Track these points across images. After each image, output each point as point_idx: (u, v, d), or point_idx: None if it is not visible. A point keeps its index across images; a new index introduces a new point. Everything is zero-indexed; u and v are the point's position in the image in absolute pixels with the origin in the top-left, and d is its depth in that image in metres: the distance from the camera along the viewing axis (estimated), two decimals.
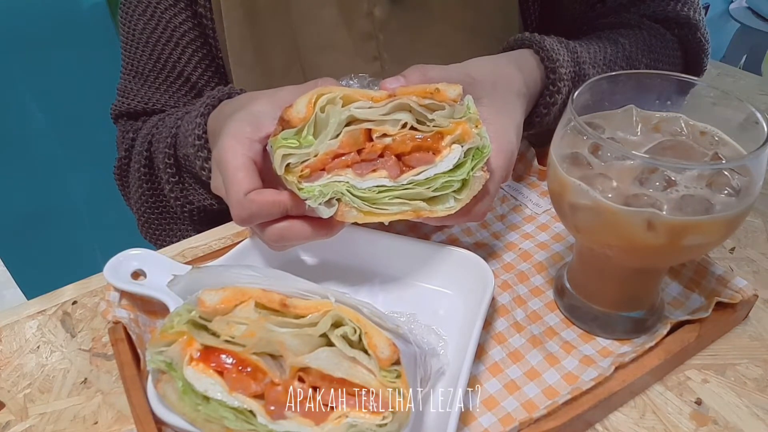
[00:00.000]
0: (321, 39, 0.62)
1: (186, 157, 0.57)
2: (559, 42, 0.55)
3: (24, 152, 1.26)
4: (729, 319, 0.44)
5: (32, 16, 1.15)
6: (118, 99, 0.69)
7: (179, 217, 0.64)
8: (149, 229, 0.67)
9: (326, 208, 0.39)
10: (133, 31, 0.65)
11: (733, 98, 0.39)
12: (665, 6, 0.65)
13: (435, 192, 0.40)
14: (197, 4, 0.63)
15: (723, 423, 0.39)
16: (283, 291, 0.35)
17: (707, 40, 0.67)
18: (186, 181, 0.61)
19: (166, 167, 0.59)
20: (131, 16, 0.65)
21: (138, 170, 0.63)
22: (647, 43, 0.62)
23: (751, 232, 0.54)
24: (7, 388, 0.44)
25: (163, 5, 0.63)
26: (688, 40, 0.66)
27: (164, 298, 0.43)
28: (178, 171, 0.60)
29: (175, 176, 0.60)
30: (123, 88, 0.68)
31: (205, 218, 0.63)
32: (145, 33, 0.65)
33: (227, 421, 0.33)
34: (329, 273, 0.50)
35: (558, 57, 0.52)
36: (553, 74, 0.52)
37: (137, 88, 0.67)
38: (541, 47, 0.53)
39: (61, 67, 1.22)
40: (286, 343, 0.33)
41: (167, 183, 0.60)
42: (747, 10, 2.23)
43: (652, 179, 0.35)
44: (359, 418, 0.32)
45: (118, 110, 0.69)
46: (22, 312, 0.50)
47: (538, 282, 0.49)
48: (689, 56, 0.67)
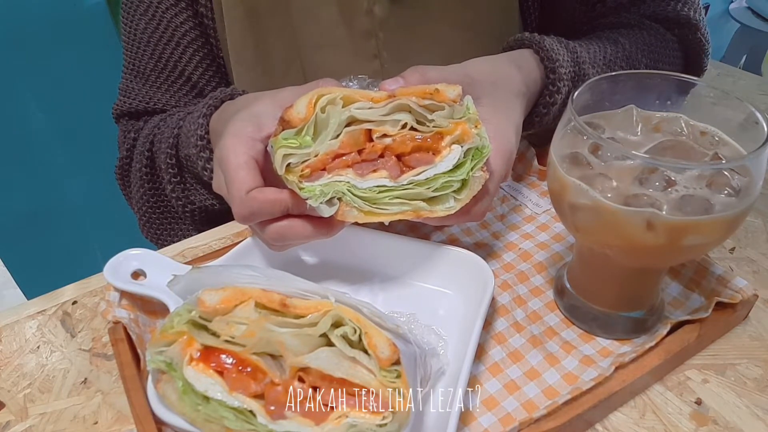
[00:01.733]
0: (321, 37, 0.62)
1: (188, 158, 0.57)
2: (559, 42, 0.55)
3: (24, 152, 1.27)
4: (729, 319, 0.44)
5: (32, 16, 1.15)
6: (120, 98, 0.69)
7: (180, 216, 0.64)
8: (150, 228, 0.67)
9: (327, 207, 0.39)
10: (135, 31, 0.66)
11: (733, 98, 0.39)
12: (665, 6, 0.65)
13: (435, 192, 0.40)
14: (198, 4, 0.63)
15: (723, 423, 0.39)
16: (283, 291, 0.35)
17: (707, 40, 0.67)
18: (188, 182, 0.61)
19: (168, 167, 0.60)
20: (133, 15, 0.65)
21: (140, 170, 0.63)
22: (647, 43, 0.62)
23: (751, 232, 0.54)
24: (7, 388, 0.44)
25: (164, 5, 0.63)
26: (688, 40, 0.66)
27: (164, 298, 0.43)
28: (180, 171, 0.60)
29: (177, 176, 0.60)
30: (124, 87, 0.69)
31: (206, 218, 0.64)
32: (147, 33, 0.65)
33: (227, 421, 0.33)
34: (329, 273, 0.50)
35: (558, 57, 0.52)
36: (552, 74, 0.52)
37: (138, 87, 0.68)
38: (541, 47, 0.53)
39: (61, 67, 1.22)
40: (286, 343, 0.33)
41: (169, 183, 0.60)
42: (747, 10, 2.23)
43: (652, 179, 0.35)
44: (359, 418, 0.32)
45: (120, 110, 0.69)
46: (22, 312, 0.50)
47: (538, 282, 0.49)
48: (689, 56, 0.67)
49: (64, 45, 1.21)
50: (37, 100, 1.23)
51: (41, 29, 1.17)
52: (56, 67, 1.22)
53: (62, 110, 1.26)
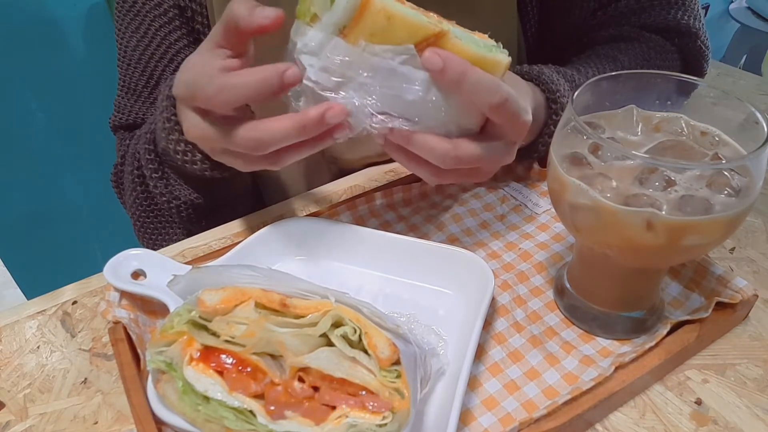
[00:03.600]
0: None
1: (165, 152, 0.55)
2: (557, 72, 0.55)
3: (24, 152, 1.27)
4: (729, 319, 0.44)
5: (32, 16, 1.15)
6: (114, 114, 0.69)
7: (168, 215, 0.64)
8: (145, 233, 0.66)
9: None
10: (126, 48, 0.65)
11: (733, 98, 0.39)
12: (665, 15, 0.65)
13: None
14: (195, 21, 0.63)
15: (723, 423, 0.39)
16: (283, 291, 0.35)
17: (707, 46, 0.67)
18: (170, 177, 0.59)
19: (148, 163, 0.59)
20: (124, 33, 0.65)
21: (131, 173, 0.62)
22: (646, 58, 0.62)
23: (751, 232, 0.54)
24: (7, 388, 0.44)
25: (158, 23, 0.63)
26: (688, 49, 0.66)
27: (164, 298, 0.43)
28: (161, 165, 0.59)
29: (158, 171, 0.59)
30: (118, 104, 0.68)
31: (194, 215, 0.62)
32: (138, 50, 0.64)
33: (227, 421, 0.33)
34: (329, 273, 0.50)
35: (558, 87, 0.53)
36: (554, 104, 0.52)
37: (131, 104, 0.67)
38: (540, 80, 0.53)
39: (61, 67, 1.22)
40: (286, 343, 0.33)
41: (150, 179, 0.59)
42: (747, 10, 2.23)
43: (652, 179, 0.35)
44: (359, 418, 0.32)
45: (114, 124, 0.69)
46: (22, 312, 0.50)
47: (538, 282, 0.49)
48: (689, 64, 0.67)
49: (64, 45, 1.21)
50: (37, 100, 1.23)
51: (41, 29, 1.17)
52: (56, 67, 1.22)
53: (62, 110, 1.26)
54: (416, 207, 0.57)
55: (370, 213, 0.56)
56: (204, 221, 0.61)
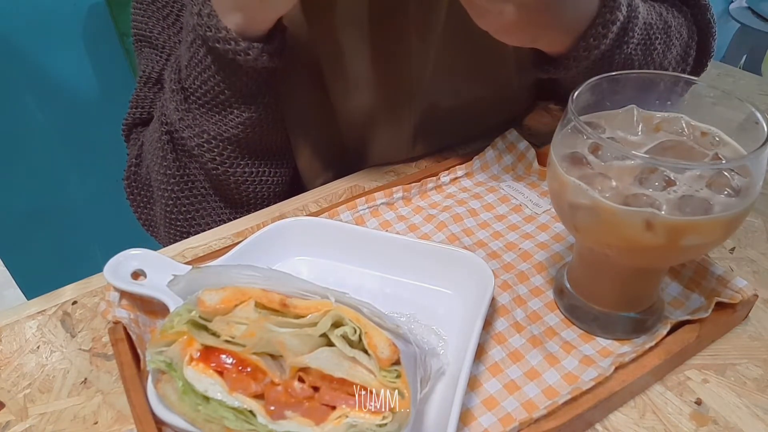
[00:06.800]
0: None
1: (196, 40, 0.53)
2: None
3: (24, 152, 1.27)
4: (729, 319, 0.44)
5: (32, 16, 1.15)
6: (131, 111, 0.67)
7: (202, 168, 0.61)
8: (179, 214, 0.63)
9: None
10: (149, 37, 0.65)
11: (733, 98, 0.39)
12: None
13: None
14: None
15: (723, 423, 0.39)
16: (283, 291, 0.35)
17: (714, 22, 0.66)
18: (195, 111, 0.58)
19: (173, 93, 0.57)
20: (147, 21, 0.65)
21: (159, 139, 0.60)
22: (659, 12, 0.60)
23: (751, 232, 0.54)
24: (7, 388, 0.44)
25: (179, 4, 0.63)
26: (698, 20, 0.65)
27: (164, 298, 0.43)
28: (185, 100, 0.57)
29: (184, 103, 0.57)
30: (135, 99, 0.67)
31: (226, 156, 0.59)
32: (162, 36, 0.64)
33: (227, 421, 0.33)
34: (329, 273, 0.50)
35: None
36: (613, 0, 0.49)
37: (152, 94, 0.66)
38: None
39: (61, 67, 1.22)
40: (286, 343, 0.33)
41: (176, 111, 0.58)
42: (747, 10, 2.23)
43: (652, 179, 0.35)
44: (359, 418, 0.32)
45: (129, 123, 0.67)
46: (22, 312, 0.50)
47: (538, 282, 0.49)
48: (701, 31, 0.65)
49: (64, 45, 1.21)
50: (37, 100, 1.23)
51: (41, 29, 1.17)
52: (56, 67, 1.22)
53: (62, 110, 1.26)
54: (416, 207, 0.58)
55: (370, 213, 0.56)
56: (237, 168, 0.59)
